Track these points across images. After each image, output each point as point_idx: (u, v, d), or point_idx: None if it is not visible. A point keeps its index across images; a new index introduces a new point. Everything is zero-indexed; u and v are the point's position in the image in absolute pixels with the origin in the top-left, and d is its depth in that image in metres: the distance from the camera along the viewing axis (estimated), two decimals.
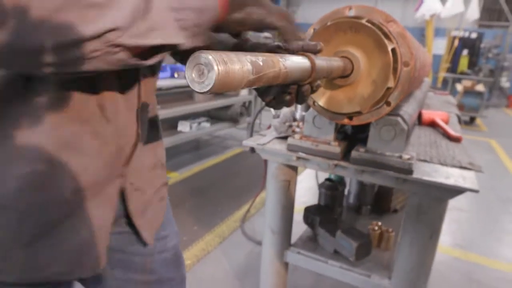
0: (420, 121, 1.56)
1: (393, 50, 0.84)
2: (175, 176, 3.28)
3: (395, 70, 0.85)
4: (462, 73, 8.18)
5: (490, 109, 8.67)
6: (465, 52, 8.58)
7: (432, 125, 1.54)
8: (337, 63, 0.69)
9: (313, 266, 1.36)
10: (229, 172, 3.52)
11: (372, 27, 0.84)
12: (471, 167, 1.08)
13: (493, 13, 10.91)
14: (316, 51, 0.55)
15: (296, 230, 1.48)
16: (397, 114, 1.01)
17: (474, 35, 8.82)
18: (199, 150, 4.17)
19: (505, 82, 9.19)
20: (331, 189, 1.56)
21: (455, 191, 0.97)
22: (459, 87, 6.79)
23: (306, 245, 1.42)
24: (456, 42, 7.67)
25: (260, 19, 0.52)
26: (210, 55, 0.33)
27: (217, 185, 3.18)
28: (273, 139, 1.26)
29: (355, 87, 0.88)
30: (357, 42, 0.85)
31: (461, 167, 1.08)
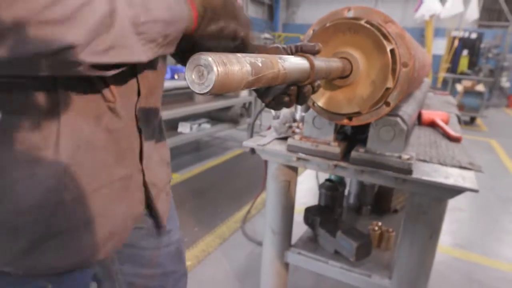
0: (420, 121, 1.56)
1: (392, 51, 0.85)
2: (176, 177, 3.28)
3: (394, 71, 0.86)
4: (462, 73, 8.18)
5: (490, 109, 8.68)
6: (465, 52, 8.59)
7: (432, 125, 1.54)
8: (336, 64, 0.70)
9: (314, 267, 1.36)
10: (230, 173, 3.52)
11: (371, 28, 0.84)
12: (471, 167, 1.08)
13: (493, 13, 10.91)
14: (315, 52, 0.56)
15: (297, 231, 1.48)
16: (397, 115, 1.02)
17: (474, 35, 8.83)
18: (200, 151, 4.17)
19: (505, 82, 9.19)
20: (331, 190, 1.57)
21: (455, 191, 0.98)
22: (459, 87, 6.80)
23: (307, 246, 1.43)
24: (456, 42, 7.67)
25: (233, 32, 0.54)
26: (210, 57, 0.33)
27: (218, 186, 3.18)
28: (273, 140, 1.26)
29: (354, 88, 0.88)
30: (356, 43, 0.85)
31: (461, 167, 1.08)
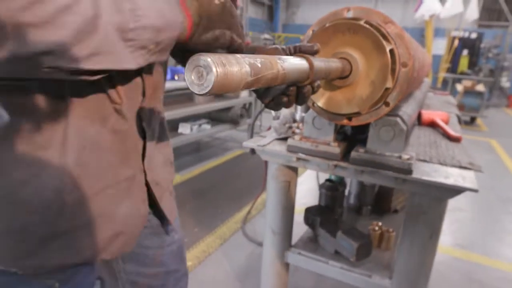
0: (420, 122, 1.56)
1: (391, 51, 0.85)
2: (176, 178, 3.27)
3: (394, 71, 0.86)
4: (462, 73, 8.18)
5: (491, 109, 8.67)
6: (465, 52, 8.59)
7: (432, 125, 1.54)
8: (336, 64, 0.70)
9: (314, 267, 1.36)
10: (230, 174, 3.52)
11: (370, 29, 0.84)
12: (471, 167, 1.08)
13: (493, 13, 10.91)
14: (313, 52, 0.56)
15: (297, 231, 1.48)
16: (396, 115, 1.02)
17: (474, 35, 8.83)
18: (200, 152, 4.17)
19: (505, 82, 9.19)
20: (332, 190, 1.57)
21: (455, 191, 0.98)
22: (459, 87, 6.80)
23: (307, 246, 1.43)
24: (456, 42, 7.67)
25: (229, 41, 0.53)
26: (209, 58, 0.33)
27: (218, 187, 3.18)
28: (273, 140, 1.26)
29: (354, 88, 0.89)
30: (356, 43, 0.86)
31: (461, 167, 1.08)
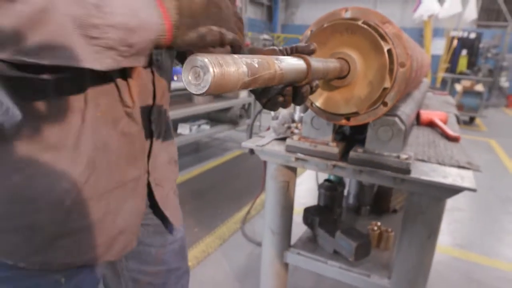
0: (419, 121, 1.56)
1: (389, 51, 0.85)
2: None
3: (391, 71, 0.86)
4: (461, 73, 8.19)
5: (490, 109, 8.68)
6: (464, 52, 8.60)
7: (431, 125, 1.55)
8: (333, 64, 0.70)
9: (313, 267, 1.36)
10: (229, 174, 3.52)
11: (368, 29, 0.85)
12: (469, 167, 1.08)
13: (492, 13, 10.93)
14: (309, 52, 0.56)
15: (296, 231, 1.49)
16: (395, 115, 1.02)
17: (473, 35, 8.84)
18: (199, 153, 4.17)
19: (504, 82, 9.19)
20: (331, 190, 1.57)
21: (453, 190, 0.98)
22: (458, 87, 6.80)
23: (306, 246, 1.43)
24: (455, 42, 7.68)
25: (218, 38, 0.47)
26: (206, 58, 0.33)
27: (217, 187, 3.18)
28: (272, 141, 1.26)
29: (352, 88, 0.89)
30: (354, 44, 0.86)
31: (459, 167, 1.08)
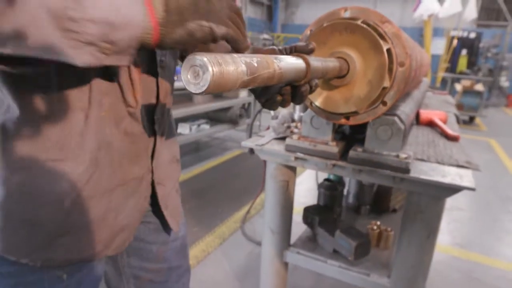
0: (418, 121, 1.57)
1: (388, 51, 0.85)
2: None
3: (391, 70, 0.86)
4: (461, 73, 8.19)
5: (490, 109, 8.68)
6: (464, 52, 8.61)
7: (430, 125, 1.55)
8: (333, 64, 0.70)
9: (313, 266, 1.36)
10: (229, 174, 3.53)
11: (367, 28, 0.85)
12: (468, 166, 1.08)
13: (492, 13, 10.92)
14: (308, 51, 0.56)
15: (296, 231, 1.49)
16: (394, 114, 1.02)
17: (473, 35, 8.84)
18: (199, 152, 4.17)
19: (504, 82, 9.19)
20: (330, 189, 1.57)
21: (452, 190, 0.98)
22: (458, 87, 6.80)
23: (306, 245, 1.43)
24: (455, 42, 7.67)
25: (209, 34, 0.44)
26: (205, 57, 0.33)
27: (217, 187, 3.18)
28: (272, 140, 1.27)
29: (351, 88, 0.89)
30: (353, 43, 0.86)
31: (458, 166, 1.08)
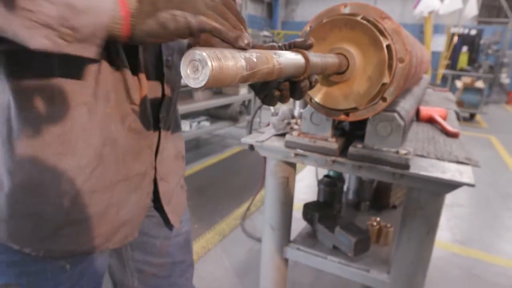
0: (418, 118, 1.57)
1: (388, 47, 0.85)
2: None
3: (390, 66, 0.86)
4: (462, 70, 8.17)
5: (490, 106, 8.67)
6: (465, 49, 8.59)
7: (430, 121, 1.55)
8: (332, 60, 0.70)
9: (313, 262, 1.37)
10: (229, 171, 3.53)
11: (367, 24, 0.85)
12: (468, 162, 1.08)
13: (493, 10, 10.90)
14: (307, 46, 0.56)
15: (296, 227, 1.49)
16: (394, 110, 1.02)
17: (474, 32, 8.82)
18: (199, 149, 4.17)
19: (505, 79, 9.17)
20: (330, 186, 1.57)
21: (452, 186, 0.98)
22: (459, 84, 6.79)
23: (306, 241, 1.43)
24: (455, 39, 7.66)
25: (185, 28, 0.40)
26: (204, 52, 0.34)
27: (217, 184, 3.19)
28: (272, 136, 1.27)
29: (351, 84, 0.89)
30: (353, 39, 0.86)
31: (458, 162, 1.09)
